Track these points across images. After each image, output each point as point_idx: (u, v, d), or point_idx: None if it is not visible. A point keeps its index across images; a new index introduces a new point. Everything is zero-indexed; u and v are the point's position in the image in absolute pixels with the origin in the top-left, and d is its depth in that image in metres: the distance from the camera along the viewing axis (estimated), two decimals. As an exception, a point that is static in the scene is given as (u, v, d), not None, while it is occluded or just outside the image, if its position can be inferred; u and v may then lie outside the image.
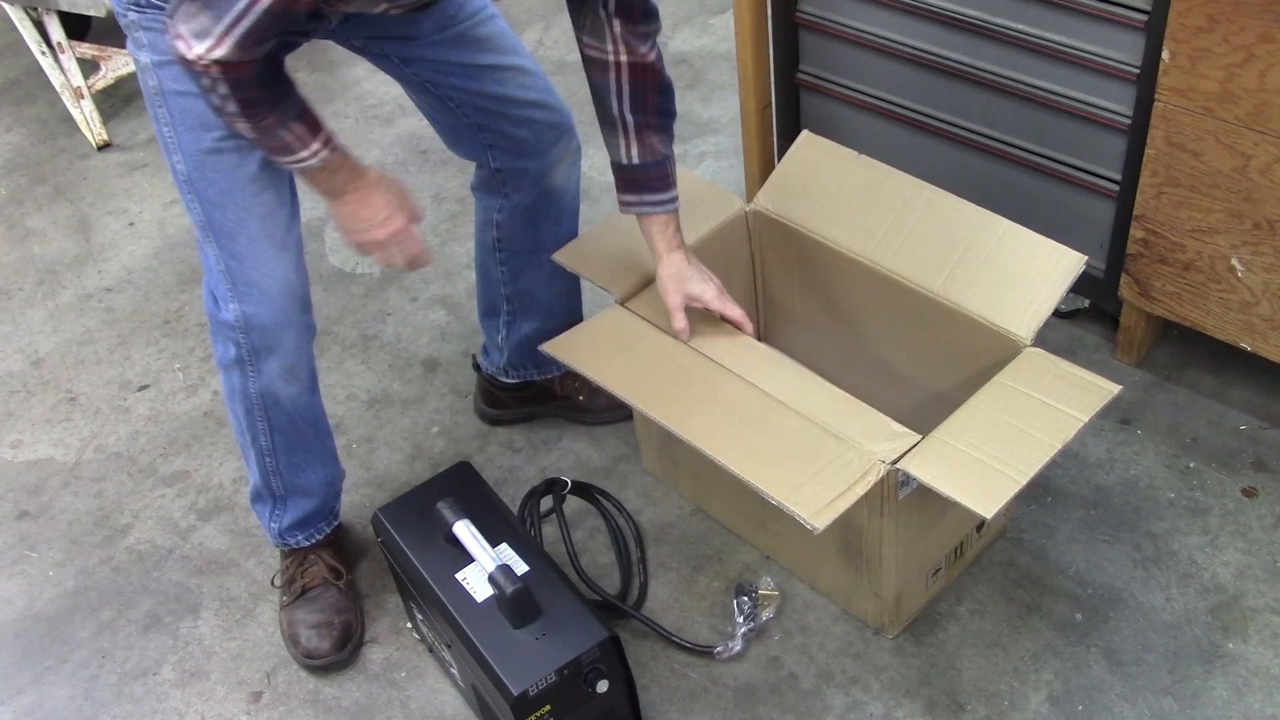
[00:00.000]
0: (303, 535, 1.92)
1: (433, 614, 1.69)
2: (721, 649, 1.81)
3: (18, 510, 2.20)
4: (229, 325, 1.67)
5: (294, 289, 1.67)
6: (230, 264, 1.63)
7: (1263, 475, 1.98)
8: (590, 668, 1.55)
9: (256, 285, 1.64)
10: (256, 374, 1.71)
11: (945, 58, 2.10)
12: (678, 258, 1.75)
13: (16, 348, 2.55)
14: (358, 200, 1.58)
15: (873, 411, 1.64)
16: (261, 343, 1.68)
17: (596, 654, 1.55)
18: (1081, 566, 1.89)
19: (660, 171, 1.72)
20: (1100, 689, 1.74)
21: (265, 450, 1.81)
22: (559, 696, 1.54)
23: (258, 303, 1.64)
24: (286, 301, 1.66)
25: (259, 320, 1.66)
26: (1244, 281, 1.90)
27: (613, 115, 1.69)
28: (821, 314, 2.00)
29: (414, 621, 1.88)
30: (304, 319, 1.71)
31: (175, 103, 1.56)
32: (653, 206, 1.73)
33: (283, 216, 1.65)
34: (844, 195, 1.90)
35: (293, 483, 1.86)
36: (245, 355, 1.69)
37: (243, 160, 1.59)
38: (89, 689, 1.91)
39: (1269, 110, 1.73)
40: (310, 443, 1.84)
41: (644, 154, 1.70)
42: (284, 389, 1.74)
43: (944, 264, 1.78)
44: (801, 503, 1.51)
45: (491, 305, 2.07)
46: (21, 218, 2.92)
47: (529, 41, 3.20)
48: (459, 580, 1.63)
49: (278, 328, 1.67)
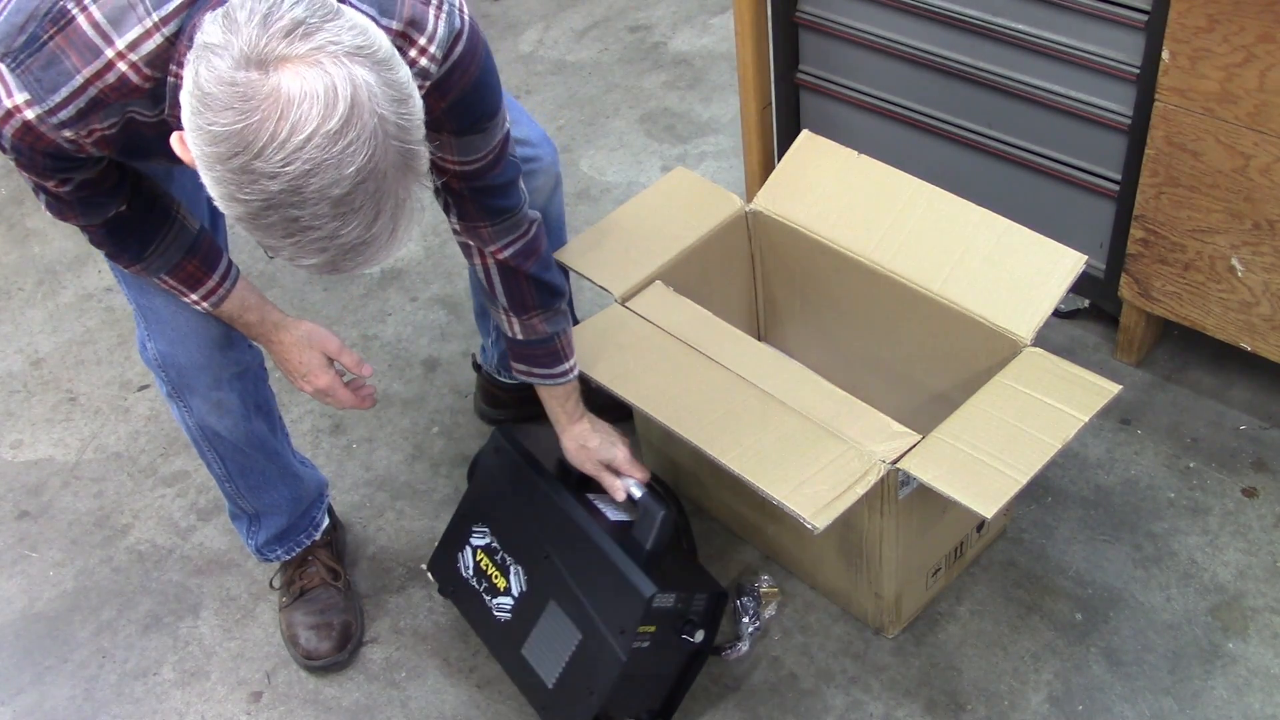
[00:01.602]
0: (282, 549, 1.91)
1: (539, 524, 1.71)
2: (730, 650, 1.81)
3: (18, 510, 2.20)
4: (153, 364, 1.64)
5: (208, 329, 1.60)
6: (140, 301, 1.59)
7: (1263, 475, 1.98)
8: (696, 613, 1.61)
9: (169, 324, 1.60)
10: (188, 409, 1.69)
11: (945, 58, 2.10)
12: (581, 428, 1.74)
13: (16, 348, 2.55)
14: (276, 354, 1.61)
15: (873, 411, 1.64)
16: (181, 381, 1.65)
17: (707, 603, 1.62)
18: (1081, 566, 1.89)
19: (547, 348, 1.67)
20: (1100, 689, 1.74)
21: (222, 476, 1.79)
22: (665, 623, 1.59)
23: (172, 342, 1.61)
24: (202, 341, 1.61)
25: (174, 360, 1.62)
26: (1244, 281, 1.90)
27: (493, 298, 1.63)
28: (821, 314, 2.00)
29: (449, 556, 1.84)
30: (223, 358, 1.64)
31: None
32: (542, 379, 1.70)
33: None
34: (844, 195, 1.90)
35: (258, 503, 1.84)
36: (172, 391, 1.67)
37: None
38: (89, 689, 1.91)
39: (1269, 110, 1.73)
40: (262, 466, 1.81)
41: (527, 333, 1.66)
42: (217, 422, 1.71)
43: (944, 264, 1.78)
44: (801, 503, 1.51)
45: (484, 306, 2.06)
46: (21, 218, 2.91)
47: (529, 41, 3.20)
48: (590, 498, 1.70)
49: (195, 368, 1.63)
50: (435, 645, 1.90)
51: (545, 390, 1.72)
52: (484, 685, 1.84)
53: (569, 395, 1.72)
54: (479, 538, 1.80)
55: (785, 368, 1.74)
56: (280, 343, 1.60)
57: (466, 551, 1.82)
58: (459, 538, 1.84)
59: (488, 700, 1.82)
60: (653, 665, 1.64)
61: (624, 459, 1.74)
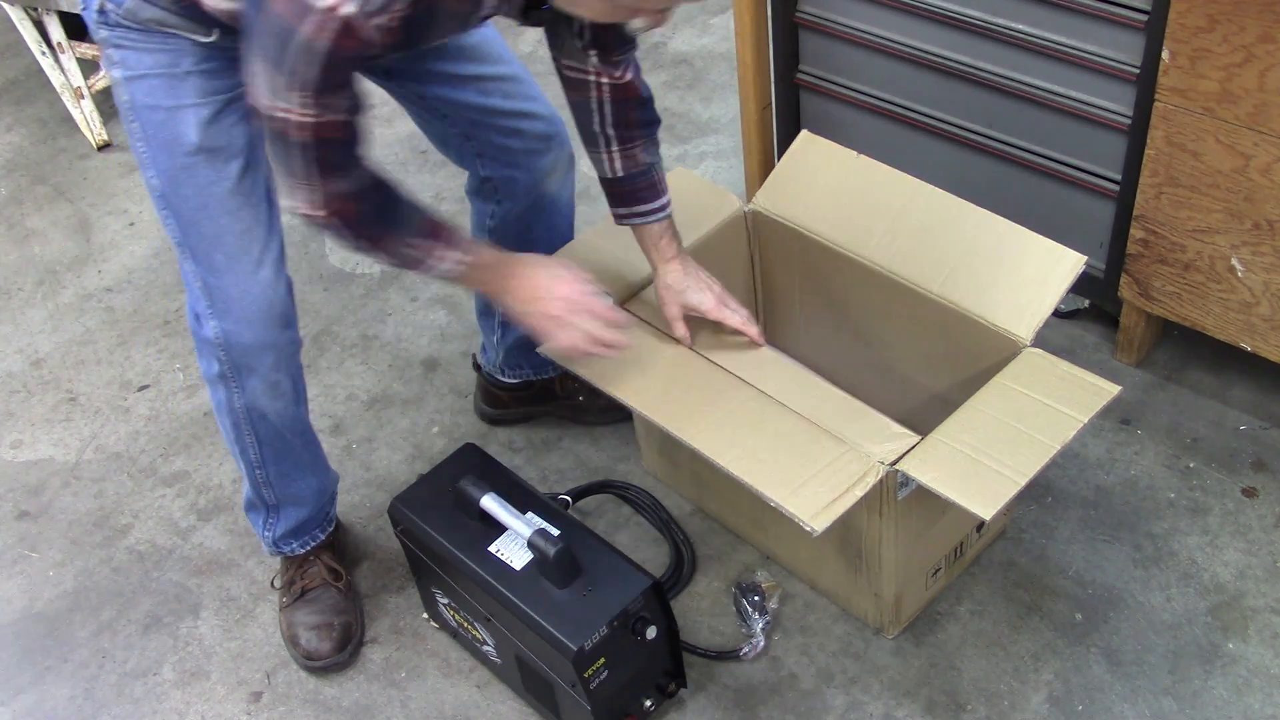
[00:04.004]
0: (297, 543, 1.91)
1: (467, 591, 1.70)
2: (746, 649, 1.81)
3: (18, 510, 2.21)
4: (210, 342, 1.65)
5: (274, 306, 1.63)
6: (208, 280, 1.61)
7: (1263, 475, 1.98)
8: (637, 616, 1.60)
9: (236, 302, 1.61)
10: (240, 390, 1.69)
11: (945, 58, 2.10)
12: (673, 268, 1.74)
13: (16, 348, 2.55)
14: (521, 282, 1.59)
15: (872, 412, 1.64)
16: (242, 360, 1.66)
17: (641, 602, 1.60)
18: (1081, 566, 1.89)
19: (647, 181, 1.70)
20: (1100, 689, 1.74)
21: (254, 462, 1.80)
22: (612, 648, 1.58)
23: (237, 320, 1.62)
24: (266, 319, 1.63)
25: (239, 338, 1.63)
26: (1244, 281, 1.90)
27: (593, 131, 1.67)
28: (821, 314, 2.00)
29: (433, 610, 1.89)
30: (285, 336, 1.67)
31: (148, 117, 1.54)
32: (643, 217, 1.72)
33: (260, 232, 1.61)
34: (844, 195, 1.89)
35: (284, 492, 1.85)
36: (228, 372, 1.67)
37: (218, 175, 1.57)
38: (89, 689, 1.91)
39: (1269, 110, 1.72)
40: (299, 453, 1.82)
41: (628, 166, 1.69)
42: (269, 404, 1.72)
43: (944, 264, 1.78)
44: (800, 505, 1.51)
45: (487, 304, 2.07)
46: (21, 218, 2.92)
47: (529, 41, 3.19)
48: (493, 553, 1.66)
49: (258, 347, 1.64)
50: (435, 645, 1.90)
51: (642, 230, 1.73)
52: (484, 685, 1.84)
53: (664, 232, 1.73)
54: (440, 596, 1.82)
55: (785, 368, 1.74)
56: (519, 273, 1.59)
57: (440, 608, 1.85)
58: (429, 597, 1.87)
59: (488, 700, 1.82)
60: (629, 669, 1.63)
61: (712, 305, 1.74)
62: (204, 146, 1.55)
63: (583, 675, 1.56)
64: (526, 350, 2.06)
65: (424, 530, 1.72)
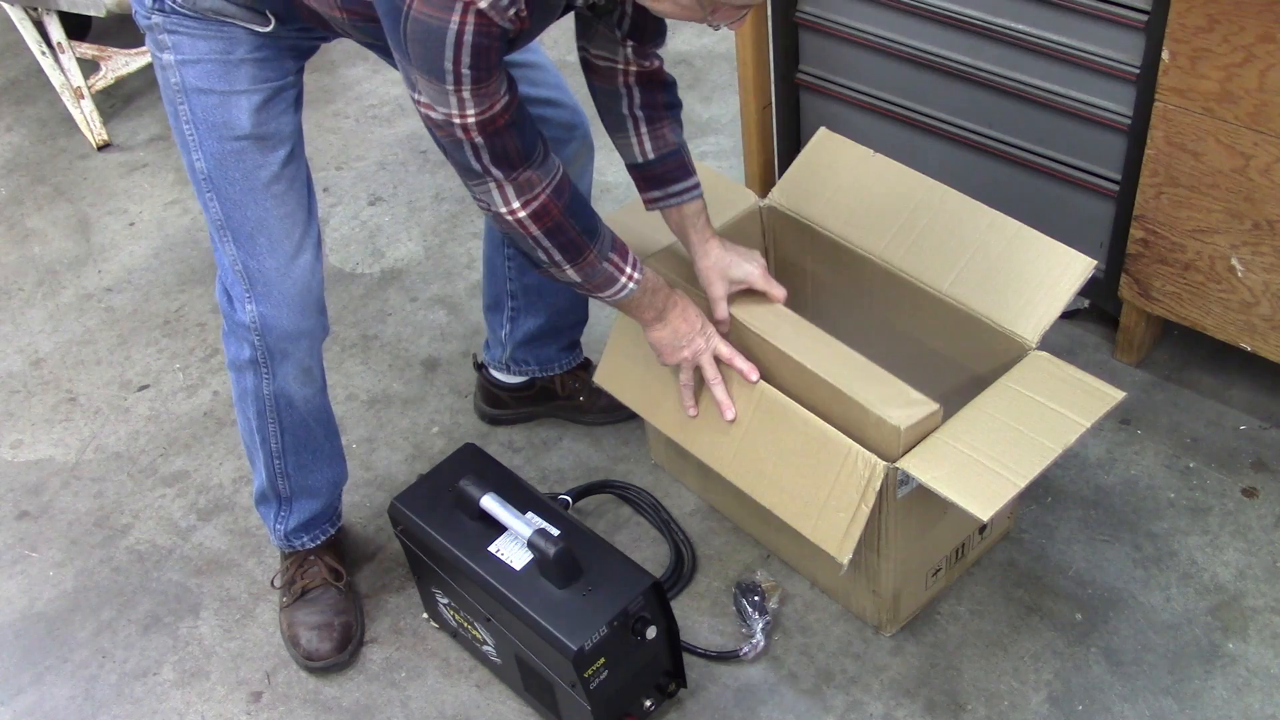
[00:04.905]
0: (308, 537, 1.92)
1: (467, 591, 1.71)
2: (746, 649, 1.81)
3: (18, 510, 2.20)
4: (245, 326, 1.66)
5: (312, 291, 1.67)
6: (249, 264, 1.63)
7: (1263, 475, 1.98)
8: (637, 616, 1.60)
9: (275, 286, 1.64)
10: (271, 376, 1.71)
11: (945, 58, 2.10)
12: (713, 246, 1.75)
13: (16, 348, 2.55)
14: (677, 316, 1.67)
15: (891, 377, 1.64)
16: (277, 345, 1.67)
17: (642, 602, 1.60)
18: (1081, 566, 1.89)
19: (677, 161, 1.72)
20: (1100, 689, 1.74)
21: (275, 452, 1.80)
22: (612, 648, 1.58)
23: (276, 305, 1.64)
24: (304, 304, 1.66)
25: (276, 322, 1.65)
26: (1244, 281, 1.90)
27: (621, 114, 1.68)
28: (829, 309, 2.00)
29: (433, 610, 1.88)
30: (320, 322, 1.71)
31: (198, 100, 1.57)
32: (678, 197, 1.72)
33: (301, 218, 1.65)
34: (858, 193, 1.90)
35: (300, 484, 1.85)
36: (260, 357, 1.69)
37: (265, 160, 1.59)
38: (89, 689, 1.91)
39: (1269, 110, 1.73)
40: (320, 443, 1.84)
41: (658, 146, 1.70)
42: (299, 391, 1.74)
43: (953, 264, 1.78)
44: (826, 535, 1.57)
45: (496, 300, 2.07)
46: (21, 218, 2.92)
47: (529, 41, 3.19)
48: (493, 553, 1.66)
49: (295, 332, 1.67)
50: (435, 645, 1.90)
51: (676, 212, 1.74)
52: (484, 685, 1.84)
53: (699, 213, 1.74)
54: (440, 596, 1.82)
55: (806, 331, 1.73)
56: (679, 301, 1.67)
57: (440, 608, 1.85)
58: (429, 597, 1.86)
59: (488, 700, 1.82)
60: (629, 669, 1.64)
61: (760, 276, 1.75)
62: (254, 133, 1.58)
63: (583, 675, 1.56)
64: (534, 346, 2.06)
65: (424, 530, 1.72)
